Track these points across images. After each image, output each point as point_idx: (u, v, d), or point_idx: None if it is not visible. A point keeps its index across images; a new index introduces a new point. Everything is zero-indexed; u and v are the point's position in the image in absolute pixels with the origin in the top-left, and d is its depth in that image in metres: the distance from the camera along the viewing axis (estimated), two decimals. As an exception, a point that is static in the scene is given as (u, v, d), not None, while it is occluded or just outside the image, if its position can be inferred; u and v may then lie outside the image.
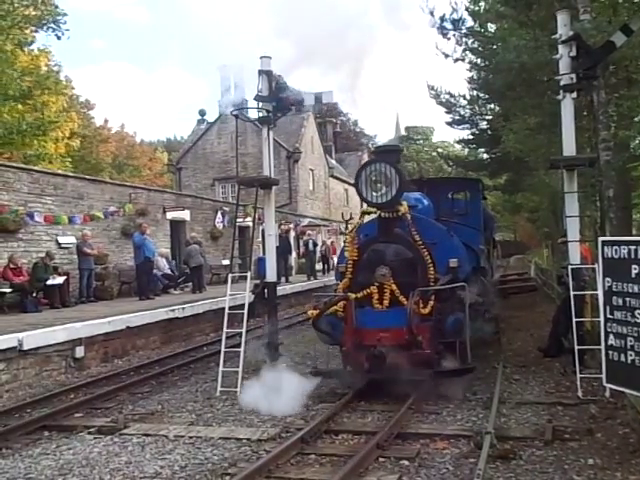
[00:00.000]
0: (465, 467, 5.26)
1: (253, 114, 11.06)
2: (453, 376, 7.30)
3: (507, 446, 5.60)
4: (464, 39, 17.61)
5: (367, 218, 8.41)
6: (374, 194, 7.67)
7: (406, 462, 5.44)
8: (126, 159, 47.18)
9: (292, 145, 35.43)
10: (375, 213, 8.07)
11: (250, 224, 16.22)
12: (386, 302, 7.53)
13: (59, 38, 23.07)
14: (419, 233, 7.83)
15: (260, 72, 9.28)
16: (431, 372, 7.14)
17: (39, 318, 12.01)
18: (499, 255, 36.63)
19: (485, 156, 28.19)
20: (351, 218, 8.62)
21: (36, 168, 17.69)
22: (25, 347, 9.41)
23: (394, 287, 7.51)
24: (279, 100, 9.34)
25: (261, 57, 9.34)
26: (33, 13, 21.36)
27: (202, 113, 39.44)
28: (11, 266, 13.87)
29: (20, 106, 19.10)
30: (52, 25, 22.01)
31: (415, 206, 8.70)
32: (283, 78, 9.40)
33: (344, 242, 8.51)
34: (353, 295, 7.53)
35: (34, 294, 14.00)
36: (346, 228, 8.48)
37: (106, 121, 48.59)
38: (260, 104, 9.40)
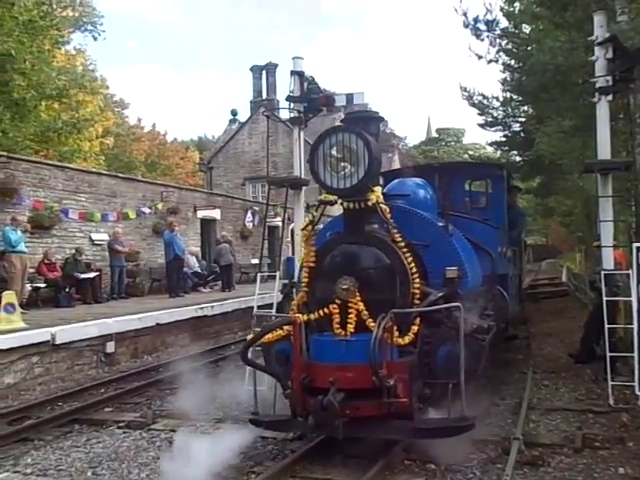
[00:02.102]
0: (492, 472, 5.21)
1: (284, 114, 11.08)
2: (442, 436, 5.32)
3: (535, 452, 5.53)
4: (498, 40, 17.38)
5: (335, 212, 6.51)
6: (334, 175, 5.65)
7: (432, 465, 5.41)
8: (158, 158, 47.71)
9: (323, 146, 35.44)
10: (336, 202, 5.93)
11: (280, 224, 16.26)
12: (350, 327, 5.40)
13: (95, 39, 23.57)
14: (402, 231, 5.82)
15: (292, 73, 9.32)
16: (410, 429, 5.29)
17: (72, 313, 12.24)
18: (530, 259, 36.21)
19: (518, 159, 27.80)
20: (320, 204, 6.16)
21: (71, 166, 18.05)
22: (58, 341, 9.61)
23: (361, 306, 5.41)
24: (310, 101, 9.37)
25: (293, 58, 9.39)
26: (70, 14, 21.78)
27: (234, 113, 39.73)
28: (46, 262, 14.17)
29: (56, 105, 19.48)
30: (89, 26, 22.44)
31: (407, 195, 6.86)
32: (315, 79, 9.42)
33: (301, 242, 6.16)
34: (302, 316, 5.55)
35: (67, 289, 14.28)
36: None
37: (139, 120, 49.28)
38: (292, 105, 9.44)
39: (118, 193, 17.68)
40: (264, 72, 35.98)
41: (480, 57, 17.91)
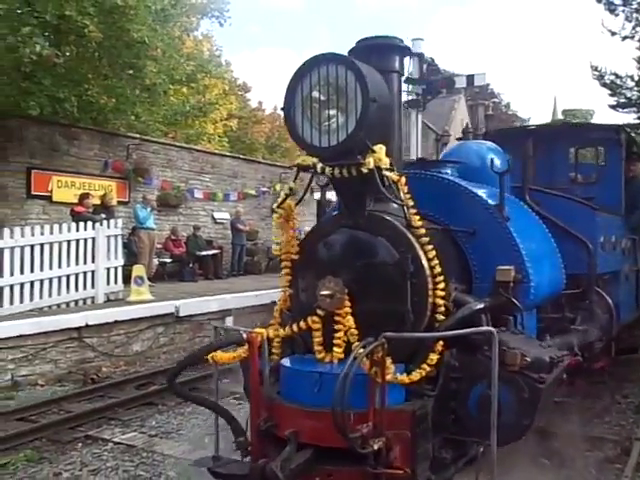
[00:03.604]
0: (609, 472, 4.97)
1: (402, 97, 10.97)
2: None
3: (659, 456, 5.22)
4: (635, 15, 16.29)
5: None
6: (316, 127, 3.50)
7: (546, 461, 5.24)
8: (278, 140, 48.84)
9: (441, 128, 34.77)
10: (316, 167, 3.73)
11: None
12: (338, 350, 3.51)
13: (221, 25, 24.30)
14: (434, 211, 4.12)
15: (411, 54, 9.23)
16: None
17: (194, 287, 12.91)
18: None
19: (653, 142, 25.99)
20: (299, 172, 3.96)
21: (197, 147, 18.92)
22: (181, 314, 10.18)
23: (350, 321, 3.53)
24: (429, 83, 9.25)
25: (412, 39, 9.29)
26: (199, 1, 22.67)
27: (352, 96, 39.80)
28: (172, 238, 15.04)
29: (184, 89, 20.42)
30: (215, 13, 23.23)
31: (460, 163, 4.81)
32: (435, 60, 9.27)
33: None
34: (265, 332, 3.71)
35: (190, 265, 15.08)
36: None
37: (260, 103, 50.52)
38: (410, 87, 9.36)
39: (239, 174, 18.35)
40: (383, 54, 35.72)
41: (614, 33, 16.90)
